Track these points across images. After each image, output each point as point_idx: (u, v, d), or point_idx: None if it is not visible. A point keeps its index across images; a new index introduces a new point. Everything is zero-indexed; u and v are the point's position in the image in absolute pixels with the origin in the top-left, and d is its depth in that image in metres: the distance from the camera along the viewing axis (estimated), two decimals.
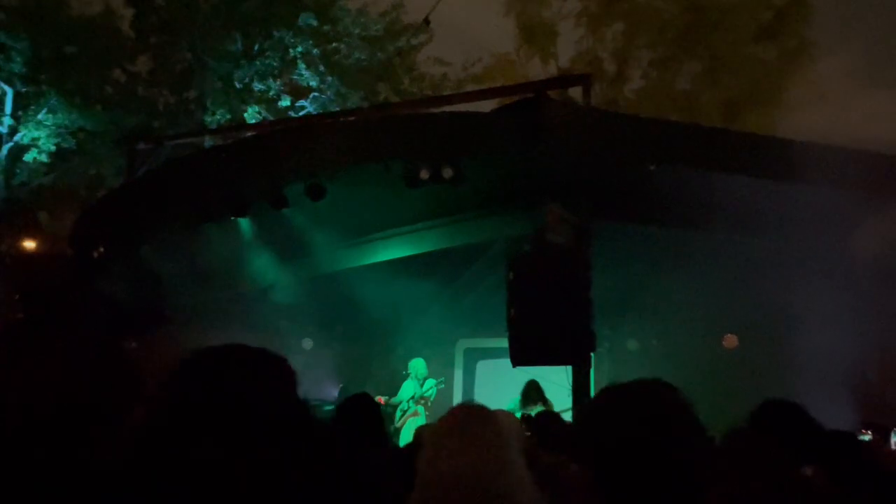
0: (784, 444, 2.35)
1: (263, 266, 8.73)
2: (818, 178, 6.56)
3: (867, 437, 5.79)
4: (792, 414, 2.65)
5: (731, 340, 9.18)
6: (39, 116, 16.29)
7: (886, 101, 18.65)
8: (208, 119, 17.78)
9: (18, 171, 16.55)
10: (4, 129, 16.32)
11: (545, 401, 7.80)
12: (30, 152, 16.32)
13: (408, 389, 9.01)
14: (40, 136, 16.29)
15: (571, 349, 6.31)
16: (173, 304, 9.16)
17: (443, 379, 9.17)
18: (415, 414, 8.72)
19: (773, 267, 7.27)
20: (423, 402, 8.90)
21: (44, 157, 16.44)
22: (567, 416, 7.51)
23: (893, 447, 5.73)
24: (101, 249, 8.67)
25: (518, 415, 7.12)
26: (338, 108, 17.75)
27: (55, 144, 16.45)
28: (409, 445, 4.92)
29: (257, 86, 18.18)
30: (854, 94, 19.31)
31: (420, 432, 5.35)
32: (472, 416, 1.78)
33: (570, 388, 6.75)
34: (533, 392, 7.76)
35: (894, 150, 7.45)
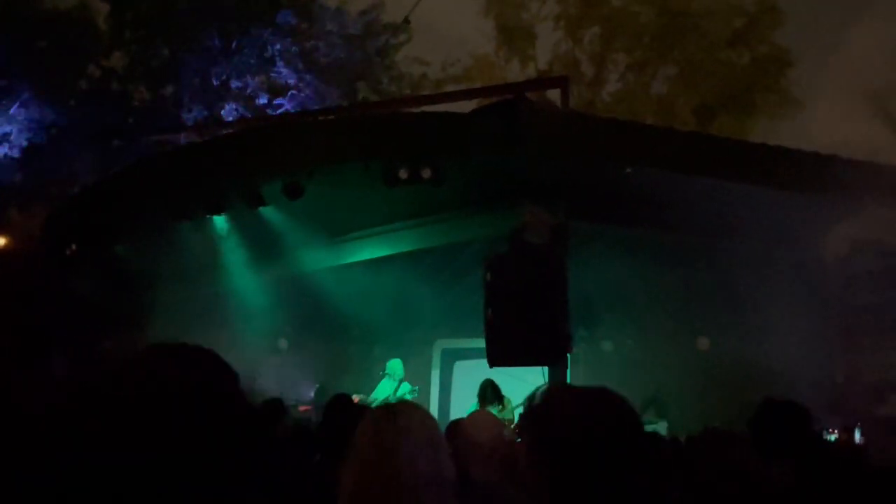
0: (779, 444, 2.41)
1: (240, 265, 8.68)
2: (790, 183, 6.69)
3: (834, 435, 5.92)
4: (793, 415, 2.71)
5: (702, 342, 9.31)
6: (11, 111, 16.02)
7: (856, 107, 18.99)
8: (184, 116, 17.61)
9: None
10: None
11: (501, 399, 7.85)
12: (0, 147, 16.05)
13: (384, 389, 9.00)
14: (12, 131, 16.02)
15: (548, 350, 6.35)
16: (147, 303, 9.08)
17: (417, 388, 9.14)
18: None
19: (745, 269, 7.39)
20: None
21: (15, 153, 16.18)
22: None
23: (858, 443, 5.87)
24: (74, 247, 8.57)
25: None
26: (316, 107, 17.68)
27: (27, 140, 16.19)
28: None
29: (235, 83, 18.04)
30: (825, 99, 19.61)
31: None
32: (369, 424, 1.82)
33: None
34: (490, 392, 7.81)
35: (865, 156, 7.61)
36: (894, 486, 2.26)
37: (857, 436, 6.00)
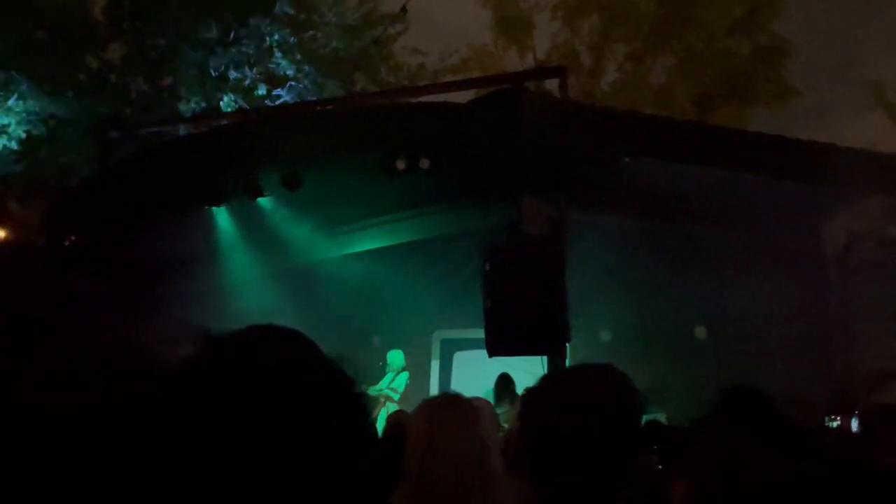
0: (751, 431, 2.40)
1: (238, 256, 8.68)
2: (789, 172, 6.69)
3: (836, 423, 5.96)
4: (755, 401, 2.70)
5: (701, 332, 9.31)
6: (9, 103, 15.97)
7: (856, 98, 18.99)
8: (183, 107, 17.56)
9: None
10: None
11: (513, 397, 7.77)
12: None
13: (387, 381, 9.06)
14: (10, 123, 15.98)
15: (546, 340, 6.38)
16: (146, 295, 9.08)
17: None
18: (389, 399, 8.79)
19: (745, 258, 7.40)
20: (394, 392, 8.96)
21: (13, 145, 16.14)
22: None
23: (855, 430, 5.92)
24: (73, 238, 8.57)
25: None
26: (314, 98, 17.63)
27: (25, 132, 16.15)
28: (386, 435, 4.94)
29: (233, 74, 17.98)
30: (824, 89, 19.61)
31: (394, 420, 5.39)
32: (449, 405, 1.84)
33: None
34: (504, 389, 7.76)
35: (863, 145, 7.61)
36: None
37: (855, 424, 6.04)
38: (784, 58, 19.71)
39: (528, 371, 8.06)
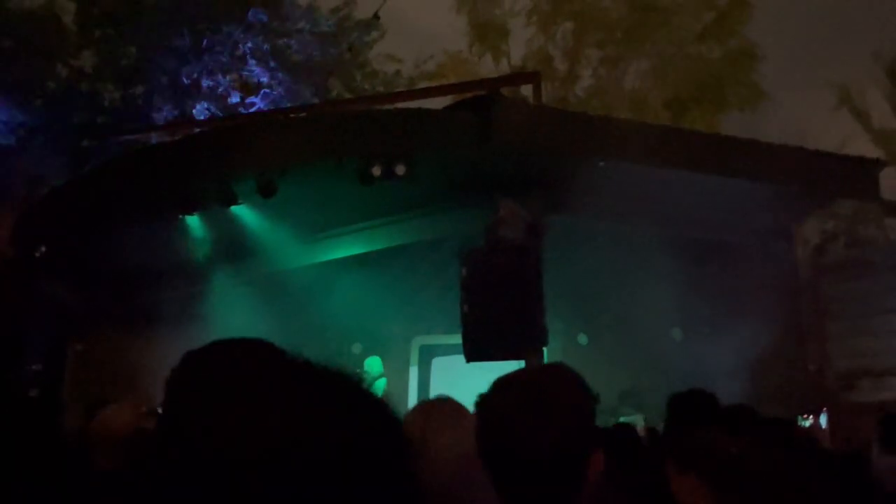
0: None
1: (213, 264, 8.59)
2: (760, 175, 6.79)
3: (808, 421, 6.05)
4: (704, 402, 2.75)
5: (677, 334, 9.38)
6: None
7: (824, 100, 19.33)
8: (155, 115, 17.38)
9: None
10: None
11: None
12: None
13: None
14: None
15: (523, 344, 6.38)
16: (120, 305, 8.96)
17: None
18: None
19: (719, 260, 7.48)
20: None
21: None
22: None
23: (823, 427, 6.03)
24: (44, 249, 8.44)
25: None
26: (289, 105, 17.55)
27: None
28: None
29: (206, 82, 17.84)
30: (793, 93, 19.94)
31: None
32: (446, 408, 1.85)
33: None
34: None
35: (832, 148, 7.74)
36: (851, 468, 2.30)
37: (823, 421, 6.14)
38: (754, 61, 20.00)
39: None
